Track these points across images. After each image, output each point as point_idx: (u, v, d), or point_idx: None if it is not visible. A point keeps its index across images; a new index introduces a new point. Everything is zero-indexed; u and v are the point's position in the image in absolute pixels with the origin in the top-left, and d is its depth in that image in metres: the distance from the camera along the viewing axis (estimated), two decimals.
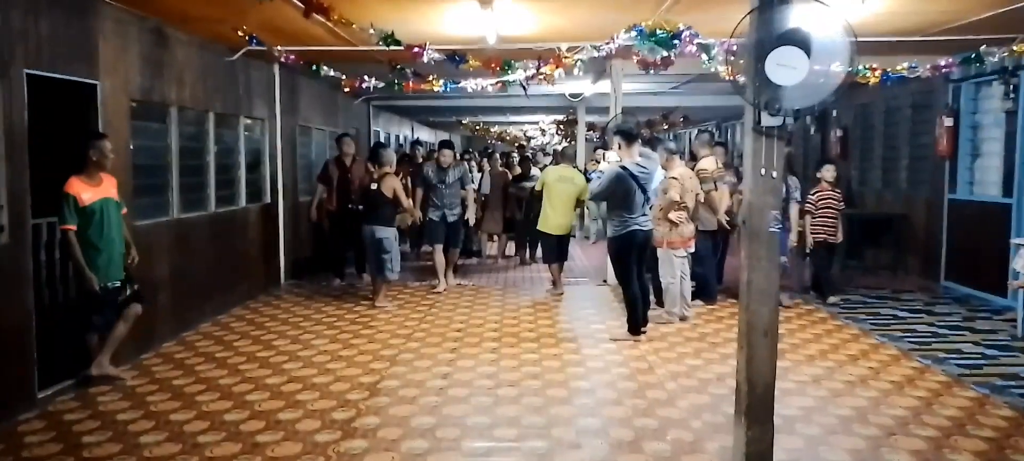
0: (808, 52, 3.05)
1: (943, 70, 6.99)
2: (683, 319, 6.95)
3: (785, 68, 3.06)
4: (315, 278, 9.11)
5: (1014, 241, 6.84)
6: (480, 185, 10.51)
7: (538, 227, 8.41)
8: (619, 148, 6.14)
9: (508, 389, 5.03)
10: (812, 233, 7.49)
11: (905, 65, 6.78)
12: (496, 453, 4.00)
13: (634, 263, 6.25)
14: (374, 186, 7.38)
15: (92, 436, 4.23)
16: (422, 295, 8.22)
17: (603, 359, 5.74)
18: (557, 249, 8.44)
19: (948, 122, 8.72)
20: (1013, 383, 5.15)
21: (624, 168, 6.03)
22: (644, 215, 6.23)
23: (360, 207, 7.87)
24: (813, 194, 7.58)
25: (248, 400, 4.83)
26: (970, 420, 4.44)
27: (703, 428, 4.32)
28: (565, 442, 4.13)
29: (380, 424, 4.40)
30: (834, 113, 12.07)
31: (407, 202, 7.64)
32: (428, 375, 5.34)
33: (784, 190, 6.95)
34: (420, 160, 11.06)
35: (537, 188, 8.71)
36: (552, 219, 8.24)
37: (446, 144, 9.05)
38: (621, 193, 6.07)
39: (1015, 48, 6.02)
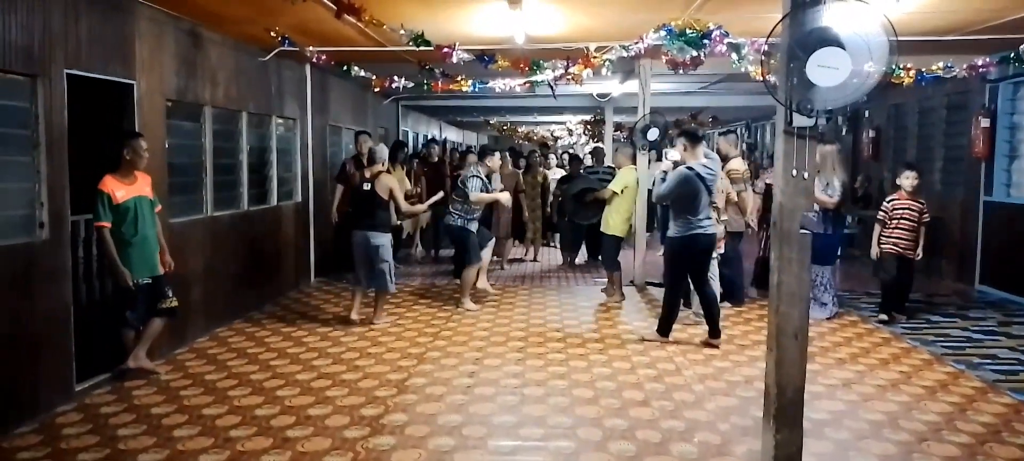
0: (845, 52, 3.02)
1: (980, 70, 6.85)
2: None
3: (826, 69, 3.03)
4: (343, 276, 9.19)
5: None
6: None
7: (605, 230, 7.91)
8: (685, 150, 6.00)
9: (535, 388, 5.04)
10: (880, 244, 6.83)
11: (941, 65, 6.66)
12: (522, 452, 4.02)
13: (691, 268, 6.14)
14: (367, 186, 6.67)
15: (127, 429, 4.32)
16: (437, 309, 7.62)
17: (630, 360, 5.72)
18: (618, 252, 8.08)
19: (984, 123, 8.55)
20: None
21: (691, 169, 5.89)
22: (709, 218, 6.09)
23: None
24: (888, 202, 6.90)
25: (279, 395, 4.90)
26: (1006, 427, 4.36)
27: (731, 431, 4.29)
28: (591, 442, 4.13)
29: (408, 421, 4.44)
30: (866, 114, 11.90)
31: (406, 204, 6.98)
32: (455, 373, 5.37)
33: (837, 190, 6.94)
34: (435, 159, 11.04)
35: (619, 191, 7.86)
36: (617, 221, 7.87)
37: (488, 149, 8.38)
38: (688, 195, 5.90)
39: None
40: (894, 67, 6.46)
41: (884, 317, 6.86)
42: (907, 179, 6.80)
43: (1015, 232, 8.22)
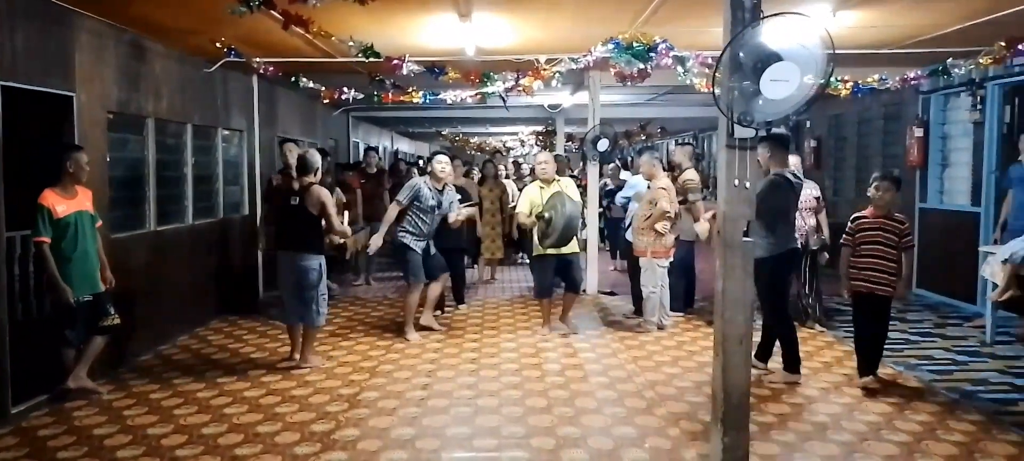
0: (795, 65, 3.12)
1: (912, 82, 7.15)
2: (661, 328, 7.03)
3: (777, 82, 3.13)
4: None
5: (982, 249, 6.98)
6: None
7: (567, 250, 6.69)
8: (770, 157, 5.43)
9: (488, 399, 5.05)
10: (850, 278, 5.21)
11: (876, 77, 6.93)
12: None
13: (778, 285, 5.45)
14: (294, 201, 5.67)
15: (67, 451, 4.18)
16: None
17: (583, 369, 5.77)
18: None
19: (918, 133, 8.91)
20: (982, 388, 5.26)
21: (780, 176, 5.37)
22: (797, 230, 5.65)
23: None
24: (854, 220, 5.27)
25: (226, 413, 4.80)
26: (941, 425, 4.53)
27: (681, 435, 4.37)
28: (545, 451, 4.15)
29: (360, 435, 4.40)
30: (808, 124, 12.28)
31: (339, 222, 5.92)
32: (408, 386, 5.35)
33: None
34: (374, 169, 9.84)
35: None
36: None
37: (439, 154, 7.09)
38: (781, 206, 5.35)
39: (981, 61, 6.17)
40: (833, 80, 6.71)
41: (867, 383, 5.20)
42: (875, 190, 5.12)
43: (949, 237, 8.57)
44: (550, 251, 6.55)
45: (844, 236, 5.28)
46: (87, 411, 4.84)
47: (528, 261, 9.38)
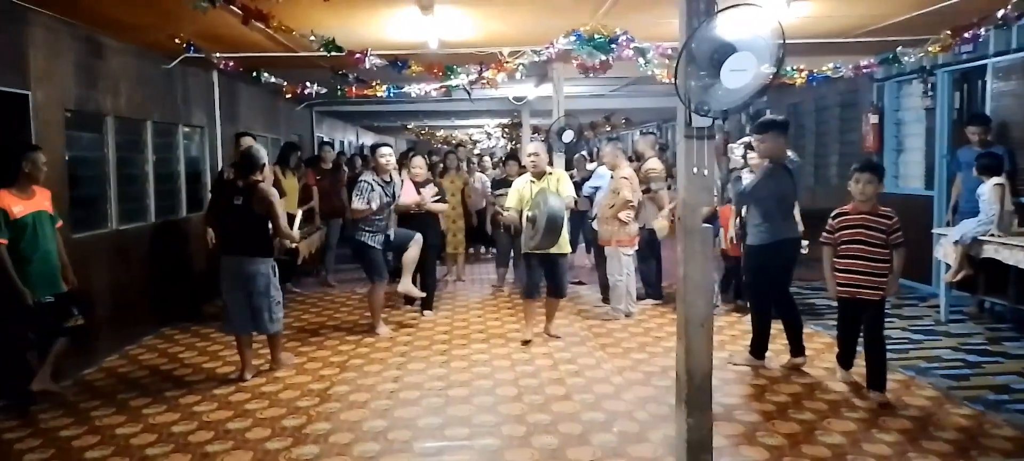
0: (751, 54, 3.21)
1: (864, 70, 7.34)
2: (628, 315, 7.13)
3: (735, 72, 3.21)
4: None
5: (935, 231, 7.21)
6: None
7: (553, 250, 6.20)
8: (767, 144, 5.30)
9: (459, 389, 5.10)
10: (838, 282, 4.78)
11: (830, 66, 7.10)
12: (448, 452, 4.07)
13: (778, 277, 5.35)
14: (238, 201, 5.26)
15: (34, 454, 4.14)
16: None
17: (552, 356, 5.85)
18: None
19: (874, 119, 9.14)
20: (936, 365, 5.46)
21: (778, 163, 5.30)
22: (797, 221, 5.64)
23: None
24: (834, 217, 4.81)
25: (196, 411, 4.78)
26: (897, 401, 4.70)
27: (648, 419, 4.47)
28: (516, 438, 4.22)
29: (331, 429, 4.42)
30: (767, 112, 12.51)
31: (285, 226, 5.40)
32: (379, 379, 5.37)
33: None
34: (329, 165, 9.50)
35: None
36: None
37: (382, 145, 6.90)
38: (780, 194, 5.26)
39: (929, 48, 6.37)
40: (788, 69, 6.87)
41: (847, 377, 5.03)
42: (855, 183, 4.68)
43: (904, 221, 8.68)
44: (535, 250, 6.14)
45: (823, 234, 4.87)
46: (53, 413, 4.78)
47: (494, 255, 9.44)
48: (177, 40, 6.17)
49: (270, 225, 5.31)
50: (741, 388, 5.03)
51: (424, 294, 7.26)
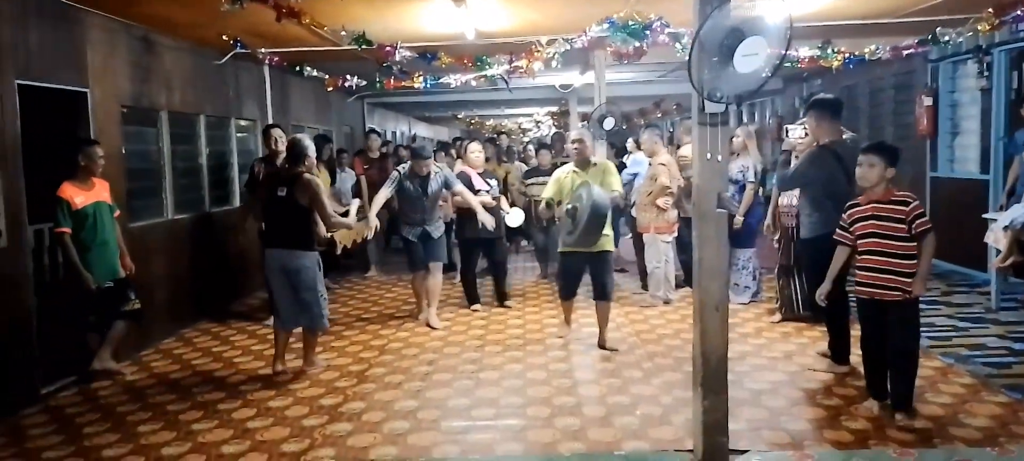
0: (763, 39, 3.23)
1: (904, 52, 7.13)
2: (667, 302, 7.14)
3: (748, 57, 3.24)
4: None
5: (987, 216, 6.98)
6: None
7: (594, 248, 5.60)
8: (817, 125, 4.93)
9: (490, 372, 5.23)
10: (856, 281, 4.23)
11: (872, 47, 6.93)
12: (474, 431, 4.21)
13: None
14: (282, 192, 5.14)
15: (92, 427, 4.45)
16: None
17: (583, 343, 5.91)
18: None
19: (928, 101, 8.86)
20: (978, 353, 5.32)
21: (826, 147, 4.83)
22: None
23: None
24: (846, 210, 4.26)
25: (241, 390, 5.04)
26: (931, 387, 4.62)
27: (673, 403, 4.51)
28: (539, 419, 4.33)
29: (365, 408, 4.61)
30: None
31: (333, 214, 5.28)
32: (414, 362, 5.54)
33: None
34: (376, 154, 9.47)
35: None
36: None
37: (419, 149, 6.91)
38: (828, 179, 4.78)
39: (978, 27, 6.15)
40: (829, 51, 6.73)
41: (872, 409, 4.23)
42: (859, 167, 4.15)
43: (959, 205, 8.53)
44: (575, 248, 5.57)
45: (837, 232, 4.31)
46: (111, 390, 5.11)
47: (535, 248, 9.25)
48: (224, 37, 6.44)
49: (317, 216, 5.17)
50: (772, 374, 5.02)
51: (440, 327, 6.59)
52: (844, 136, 4.99)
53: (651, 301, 7.17)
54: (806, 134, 5.38)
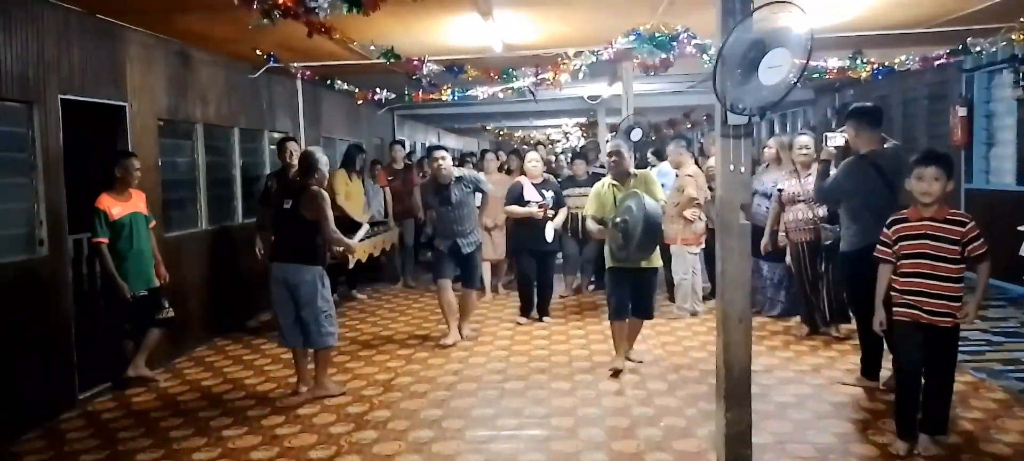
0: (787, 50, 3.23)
1: (935, 62, 7.04)
2: (694, 314, 7.12)
3: (773, 69, 3.25)
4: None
5: (1021, 228, 6.84)
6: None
7: (644, 264, 5.43)
8: (856, 134, 4.71)
9: (515, 383, 5.26)
10: (896, 303, 3.84)
11: (903, 57, 6.86)
12: (497, 441, 4.24)
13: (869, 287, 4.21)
14: (287, 204, 4.99)
15: (127, 432, 4.58)
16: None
17: (609, 354, 5.90)
18: None
19: (962, 112, 8.73)
20: (1012, 368, 5.22)
21: (865, 157, 4.63)
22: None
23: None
24: (890, 226, 3.87)
25: (271, 398, 5.14)
26: (962, 403, 4.54)
27: (697, 415, 4.50)
28: (563, 429, 4.35)
29: (391, 416, 4.68)
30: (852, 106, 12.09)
31: (335, 231, 5.04)
32: (440, 372, 5.60)
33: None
34: (400, 165, 9.26)
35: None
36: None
37: (436, 149, 6.53)
38: (863, 191, 4.57)
39: (1013, 37, 6.06)
40: (858, 62, 6.68)
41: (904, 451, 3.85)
42: (920, 181, 3.71)
43: (995, 217, 8.34)
44: (625, 264, 5.34)
45: (878, 247, 3.91)
46: (145, 396, 5.25)
47: (564, 260, 8.66)
48: (258, 52, 6.59)
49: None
50: (799, 387, 4.97)
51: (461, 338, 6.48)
52: (885, 145, 4.78)
53: (678, 313, 7.15)
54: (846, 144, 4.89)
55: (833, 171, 4.95)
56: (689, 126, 18.48)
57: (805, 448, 3.97)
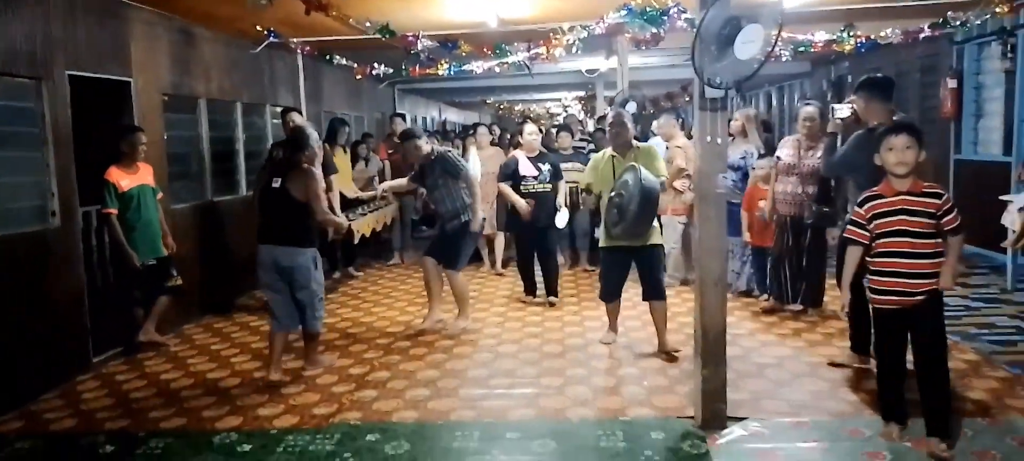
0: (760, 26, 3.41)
1: (919, 35, 7.17)
2: (684, 283, 7.33)
3: (747, 44, 3.43)
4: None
5: (1003, 197, 7.02)
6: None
7: (643, 241, 5.20)
8: (865, 106, 4.52)
9: (509, 346, 5.50)
10: (874, 289, 3.66)
11: (887, 31, 6.99)
12: (489, 398, 4.48)
13: None
14: (276, 183, 4.80)
15: (139, 392, 4.83)
16: None
17: (599, 319, 6.11)
18: None
19: (952, 84, 8.87)
20: (986, 331, 5.43)
21: (872, 131, 4.32)
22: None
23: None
24: (862, 203, 3.66)
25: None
26: None
27: (679, 374, 4.74)
28: (552, 388, 4.59)
29: (390, 377, 4.92)
30: (849, 79, 12.20)
31: (326, 212, 4.99)
32: (437, 336, 5.83)
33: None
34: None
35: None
36: None
37: (410, 133, 6.12)
38: (872, 167, 3.84)
39: (998, 9, 6.19)
40: (842, 34, 6.82)
41: (894, 433, 3.79)
42: (890, 151, 3.55)
43: (982, 187, 8.54)
44: (620, 242, 5.16)
45: (849, 227, 3.72)
46: (156, 360, 5.49)
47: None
48: (258, 28, 6.75)
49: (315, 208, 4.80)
50: (780, 350, 5.20)
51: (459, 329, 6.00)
52: (894, 118, 4.41)
53: (668, 281, 7.31)
54: (853, 116, 4.68)
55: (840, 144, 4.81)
56: (687, 99, 18.58)
57: (780, 404, 4.20)
